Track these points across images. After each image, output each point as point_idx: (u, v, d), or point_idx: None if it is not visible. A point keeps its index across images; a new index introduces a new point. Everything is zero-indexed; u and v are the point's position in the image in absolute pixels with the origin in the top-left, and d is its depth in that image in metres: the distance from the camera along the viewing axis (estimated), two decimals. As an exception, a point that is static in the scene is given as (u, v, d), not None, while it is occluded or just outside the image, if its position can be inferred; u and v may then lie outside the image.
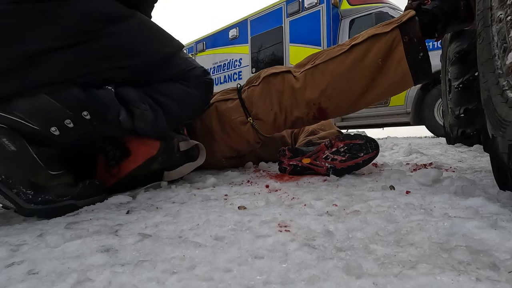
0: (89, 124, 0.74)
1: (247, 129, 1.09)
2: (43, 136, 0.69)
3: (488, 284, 0.31)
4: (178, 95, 0.91)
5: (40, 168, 0.69)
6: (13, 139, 0.65)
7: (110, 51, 0.75)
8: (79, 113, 0.72)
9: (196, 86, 0.94)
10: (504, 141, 0.54)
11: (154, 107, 0.86)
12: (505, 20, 0.55)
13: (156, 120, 0.86)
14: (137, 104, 0.81)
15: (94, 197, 0.77)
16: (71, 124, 0.71)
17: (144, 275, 0.38)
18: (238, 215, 0.59)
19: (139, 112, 0.81)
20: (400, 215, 0.53)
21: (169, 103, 0.89)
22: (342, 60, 0.97)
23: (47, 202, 0.68)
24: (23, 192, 0.66)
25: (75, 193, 0.73)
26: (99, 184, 0.80)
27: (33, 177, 0.67)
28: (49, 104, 0.68)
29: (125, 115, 0.79)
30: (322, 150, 0.97)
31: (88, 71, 0.72)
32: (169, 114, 0.89)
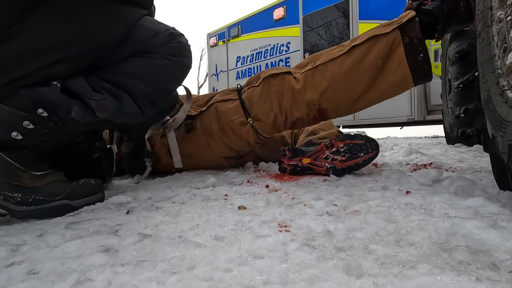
0: (49, 120, 0.70)
1: (247, 129, 1.09)
2: (7, 142, 0.67)
3: (488, 284, 0.31)
4: (143, 72, 0.81)
5: (19, 171, 0.67)
6: None
7: (35, 47, 0.65)
8: (34, 112, 0.68)
9: (165, 55, 0.83)
10: (504, 141, 0.54)
11: (115, 93, 0.77)
12: (505, 20, 0.55)
13: (121, 106, 0.78)
14: (90, 95, 0.73)
15: (89, 196, 0.75)
16: (31, 125, 0.68)
17: (144, 275, 0.38)
18: (238, 215, 0.59)
19: (95, 104, 0.74)
20: (400, 215, 0.53)
21: (133, 83, 0.80)
22: (342, 61, 0.97)
23: (39, 202, 0.67)
24: (10, 196, 0.65)
25: (66, 192, 0.71)
26: (95, 184, 0.78)
27: (15, 180, 0.66)
28: (2, 110, 0.66)
29: (78, 109, 0.72)
30: (322, 150, 0.97)
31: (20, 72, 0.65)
32: (138, 95, 0.81)
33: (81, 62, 0.72)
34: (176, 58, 0.85)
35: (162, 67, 0.83)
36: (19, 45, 0.63)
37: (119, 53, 0.78)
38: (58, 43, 0.67)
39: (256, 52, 5.76)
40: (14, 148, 0.68)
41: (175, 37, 0.85)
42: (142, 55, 0.81)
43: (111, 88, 0.77)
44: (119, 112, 0.79)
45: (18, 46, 0.63)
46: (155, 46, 0.81)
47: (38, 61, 0.66)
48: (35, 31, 0.64)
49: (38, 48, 0.65)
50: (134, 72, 0.80)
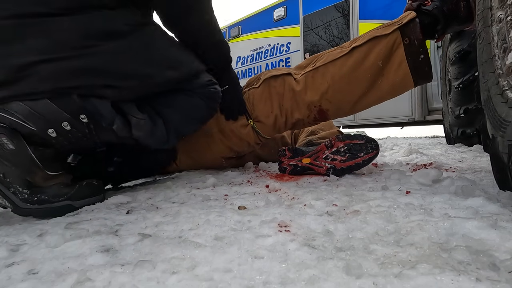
0: (85, 127, 0.73)
1: (248, 131, 1.09)
2: (40, 137, 0.69)
3: (488, 284, 0.31)
4: (179, 105, 0.90)
5: (37, 168, 0.69)
6: (12, 138, 0.65)
7: (99, 69, 0.71)
8: (76, 116, 0.71)
9: (200, 95, 0.92)
10: (504, 141, 0.54)
11: (153, 117, 0.85)
12: (505, 20, 0.55)
13: (154, 129, 0.85)
14: (134, 113, 0.81)
15: (91, 197, 0.77)
16: (68, 126, 0.71)
17: (144, 275, 0.38)
18: (238, 215, 0.59)
19: (136, 121, 0.80)
20: (400, 215, 0.53)
21: (169, 112, 0.88)
22: (343, 62, 0.97)
23: (43, 202, 0.68)
24: (20, 191, 0.66)
25: (70, 194, 0.73)
26: (97, 185, 0.80)
27: (30, 177, 0.68)
28: (48, 107, 0.68)
29: (120, 124, 0.78)
30: (322, 150, 0.97)
31: (76, 84, 0.70)
32: (170, 124, 0.89)
33: (128, 94, 0.79)
34: (209, 101, 0.96)
35: (197, 106, 0.93)
36: (86, 64, 0.70)
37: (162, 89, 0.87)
38: (115, 72, 0.74)
39: (256, 52, 5.72)
40: (41, 145, 0.71)
41: (212, 83, 0.96)
42: (182, 91, 0.90)
43: (152, 112, 0.86)
44: (151, 135, 0.85)
45: (85, 64, 0.70)
46: (196, 86, 0.91)
47: (93, 80, 0.72)
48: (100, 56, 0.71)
49: (96, 70, 0.71)
50: (173, 104, 0.89)
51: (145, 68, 0.78)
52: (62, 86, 0.69)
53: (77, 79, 0.70)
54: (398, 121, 3.96)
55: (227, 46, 1.05)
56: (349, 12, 4.27)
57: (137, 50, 0.76)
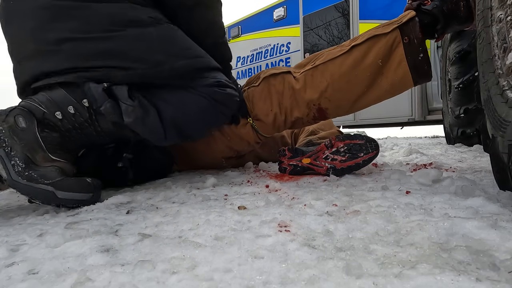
0: (87, 111, 0.81)
1: (247, 129, 1.09)
2: (49, 120, 0.78)
3: (488, 284, 0.31)
4: (177, 100, 0.89)
5: (39, 147, 0.75)
6: (26, 119, 0.75)
7: (117, 51, 0.80)
8: (80, 101, 0.80)
9: (202, 94, 0.91)
10: (504, 141, 0.54)
11: (145, 106, 0.85)
12: (505, 20, 0.55)
13: (145, 117, 0.85)
14: (124, 99, 0.83)
15: (76, 192, 0.75)
16: (72, 110, 0.79)
17: (144, 275, 0.38)
18: (238, 215, 0.59)
19: (125, 107, 0.82)
20: (400, 215, 0.53)
21: (164, 106, 0.88)
22: (342, 61, 0.97)
23: (31, 179, 0.72)
24: (17, 164, 0.72)
25: (56, 180, 0.74)
26: (89, 183, 0.78)
27: (29, 153, 0.74)
28: (60, 94, 0.79)
29: (109, 107, 0.81)
30: (322, 150, 0.97)
31: (94, 64, 0.80)
32: (166, 118, 0.88)
33: (137, 77, 0.83)
34: (214, 102, 0.92)
35: (196, 103, 0.90)
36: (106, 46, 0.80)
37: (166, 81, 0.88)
38: (131, 55, 0.81)
39: (256, 52, 5.72)
40: (49, 128, 0.78)
41: (222, 85, 0.93)
42: (183, 87, 0.89)
43: (144, 101, 0.86)
44: (142, 123, 0.85)
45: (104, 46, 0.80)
46: (199, 84, 0.90)
47: (111, 61, 0.80)
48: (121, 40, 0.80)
49: (114, 52, 0.80)
50: (169, 98, 0.88)
51: (158, 56, 0.84)
52: (82, 65, 0.79)
53: (97, 59, 0.79)
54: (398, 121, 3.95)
55: (229, 50, 1.08)
56: (349, 12, 4.27)
57: (153, 40, 0.83)
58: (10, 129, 0.73)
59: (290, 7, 5.11)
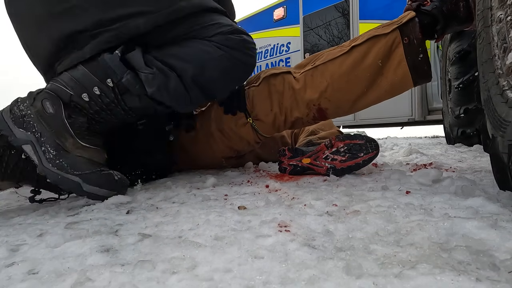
0: (112, 91, 0.79)
1: (247, 129, 1.09)
2: (76, 103, 0.77)
3: (488, 284, 0.31)
4: (193, 55, 0.83)
5: (68, 134, 0.75)
6: (53, 103, 0.74)
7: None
8: (104, 80, 0.79)
9: (219, 44, 0.84)
10: (504, 141, 0.54)
11: (164, 70, 0.82)
12: (505, 20, 0.55)
13: (167, 83, 0.82)
14: (141, 68, 0.80)
15: (101, 188, 0.76)
16: (98, 91, 0.78)
17: (144, 275, 0.38)
18: (238, 215, 0.59)
19: (145, 76, 0.80)
20: (400, 215, 0.53)
21: (183, 66, 0.83)
22: (342, 61, 0.97)
23: (61, 168, 0.73)
24: (48, 151, 0.73)
25: (84, 173, 0.74)
26: (116, 180, 0.79)
27: (59, 140, 0.74)
28: (82, 72, 0.78)
29: (130, 78, 0.79)
30: (322, 150, 0.97)
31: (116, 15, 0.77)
32: (186, 78, 0.83)
33: (157, 20, 0.80)
34: (231, 51, 0.85)
35: (213, 55, 0.84)
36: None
37: (180, 29, 0.83)
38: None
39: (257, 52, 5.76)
40: (76, 113, 0.78)
41: (236, 31, 0.87)
42: (196, 40, 0.84)
43: (162, 66, 0.82)
44: (166, 89, 0.82)
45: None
46: (212, 33, 0.84)
47: (126, 9, 0.78)
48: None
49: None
50: (185, 55, 0.83)
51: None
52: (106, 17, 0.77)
53: (115, 9, 0.77)
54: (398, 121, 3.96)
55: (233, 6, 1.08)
56: (349, 12, 4.28)
57: None
58: (38, 114, 0.73)
59: (290, 7, 5.12)
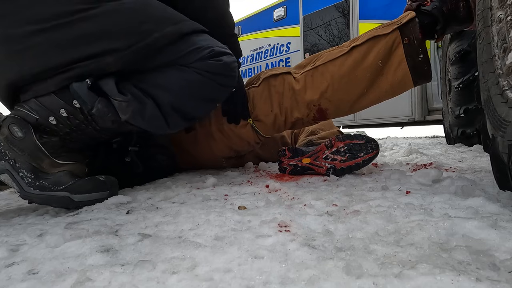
0: (81, 113, 0.75)
1: (247, 130, 1.09)
2: (45, 126, 0.74)
3: (488, 284, 0.31)
4: (171, 84, 0.80)
5: (43, 155, 0.73)
6: (21, 127, 0.72)
7: (97, 33, 0.72)
8: (70, 102, 0.74)
9: (197, 70, 0.81)
10: (504, 141, 0.54)
11: (139, 97, 0.78)
12: (505, 20, 0.55)
13: (143, 110, 0.79)
14: (114, 95, 0.76)
15: (91, 192, 0.75)
16: (65, 113, 0.74)
17: (144, 275, 0.38)
18: (238, 215, 0.59)
19: (118, 104, 0.76)
20: (400, 215, 0.53)
21: (160, 94, 0.80)
22: (342, 61, 0.97)
23: (44, 188, 0.71)
24: (25, 176, 0.71)
25: (68, 184, 0.73)
26: (103, 180, 0.78)
27: (35, 162, 0.72)
28: (48, 96, 0.73)
29: (101, 107, 0.75)
30: (322, 150, 0.97)
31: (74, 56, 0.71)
32: (164, 106, 0.81)
33: (129, 57, 0.75)
34: (211, 75, 0.83)
35: (193, 82, 0.82)
36: (83, 29, 0.71)
37: (158, 60, 0.79)
38: (114, 33, 0.73)
39: (256, 52, 5.72)
40: (47, 133, 0.75)
41: (216, 54, 0.83)
42: (175, 67, 0.81)
43: (138, 93, 0.78)
44: (141, 116, 0.79)
45: (81, 30, 0.70)
46: (192, 60, 0.81)
47: (93, 48, 0.72)
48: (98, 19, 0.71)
49: (95, 35, 0.71)
50: (163, 83, 0.80)
51: (144, 25, 0.75)
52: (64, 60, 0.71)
53: (79, 49, 0.71)
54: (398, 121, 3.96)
55: (239, 45, 1.05)
56: (349, 12, 4.28)
57: (134, 9, 0.75)
58: (7, 140, 0.70)
59: (290, 7, 5.11)
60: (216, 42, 0.86)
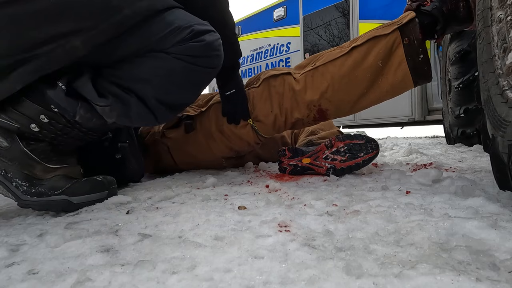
0: (61, 117, 0.72)
1: (247, 130, 1.09)
2: (29, 133, 0.71)
3: (488, 284, 0.31)
4: (153, 74, 0.73)
5: (33, 161, 0.71)
6: (5, 137, 0.69)
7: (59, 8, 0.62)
8: (49, 107, 0.70)
9: (178, 55, 0.73)
10: (504, 141, 0.54)
11: (122, 97, 0.73)
12: (505, 20, 0.55)
13: (128, 111, 0.74)
14: (96, 100, 0.71)
15: (90, 193, 0.74)
16: (46, 119, 0.71)
17: (144, 275, 0.38)
18: (238, 215, 0.59)
19: (101, 109, 0.72)
20: (400, 215, 0.53)
21: (142, 87, 0.74)
22: (342, 62, 0.97)
23: (41, 194, 0.70)
24: (20, 185, 0.69)
25: (66, 187, 0.72)
26: (100, 181, 0.77)
27: (26, 170, 0.70)
28: (25, 103, 0.70)
29: (84, 113, 0.71)
30: (322, 150, 0.97)
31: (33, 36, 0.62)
32: (149, 100, 0.75)
33: (99, 37, 0.66)
34: (193, 59, 0.74)
35: (174, 70, 0.74)
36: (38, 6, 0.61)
37: (131, 45, 0.71)
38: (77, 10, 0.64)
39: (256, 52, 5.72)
40: (33, 140, 0.72)
41: (197, 34, 0.74)
42: (152, 54, 0.73)
43: (119, 92, 0.73)
44: (126, 117, 0.75)
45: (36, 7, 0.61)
46: (170, 43, 0.72)
47: (54, 28, 0.63)
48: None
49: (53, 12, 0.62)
50: (143, 75, 0.73)
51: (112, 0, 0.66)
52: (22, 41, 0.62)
53: (37, 28, 0.62)
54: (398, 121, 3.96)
55: (239, 45, 1.03)
56: (349, 12, 4.29)
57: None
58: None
59: (290, 7, 5.11)
60: (195, 18, 0.77)
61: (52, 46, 0.63)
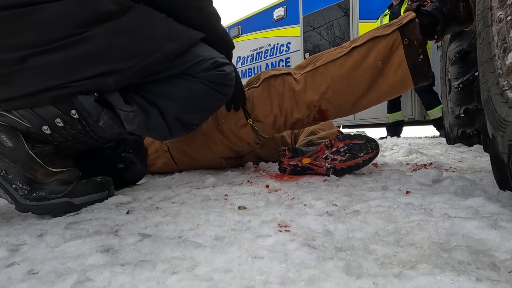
0: (79, 123, 0.73)
1: (247, 130, 1.09)
2: (37, 134, 0.71)
3: (488, 284, 0.31)
4: (177, 93, 0.81)
5: (37, 165, 0.70)
6: (10, 136, 0.68)
7: (97, 55, 0.69)
8: (68, 112, 0.71)
9: (202, 81, 0.82)
10: (504, 141, 0.54)
11: (145, 108, 0.79)
12: (505, 20, 0.55)
13: (148, 121, 0.79)
14: (121, 106, 0.75)
15: (91, 194, 0.75)
16: (61, 123, 0.71)
17: (144, 275, 0.38)
18: (238, 215, 0.59)
19: (125, 115, 0.76)
20: (400, 215, 0.53)
21: (165, 103, 0.80)
22: (342, 62, 0.97)
23: (42, 199, 0.69)
24: (20, 188, 0.68)
25: (67, 190, 0.72)
26: (100, 181, 0.78)
27: (29, 173, 0.69)
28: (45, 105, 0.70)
29: (107, 119, 0.74)
30: (322, 150, 0.97)
31: (70, 80, 0.68)
32: (168, 115, 0.81)
33: (131, 77, 0.73)
34: (214, 85, 0.84)
35: (198, 92, 0.83)
36: (79, 52, 0.67)
37: (161, 74, 0.78)
38: (114, 55, 0.70)
39: (256, 52, 5.76)
40: (40, 142, 0.72)
41: (219, 65, 0.84)
42: (181, 77, 0.81)
43: (143, 102, 0.78)
44: (146, 126, 0.80)
45: (78, 53, 0.67)
46: (197, 70, 0.81)
47: (92, 70, 0.69)
48: (95, 42, 0.68)
49: (93, 57, 0.68)
50: (169, 93, 0.80)
51: (144, 45, 0.73)
52: (61, 82, 0.67)
53: (76, 71, 0.68)
54: None
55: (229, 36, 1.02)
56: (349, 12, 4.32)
57: (133, 28, 0.72)
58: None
59: (290, 7, 5.14)
60: (216, 52, 0.87)
61: (87, 82, 0.69)
